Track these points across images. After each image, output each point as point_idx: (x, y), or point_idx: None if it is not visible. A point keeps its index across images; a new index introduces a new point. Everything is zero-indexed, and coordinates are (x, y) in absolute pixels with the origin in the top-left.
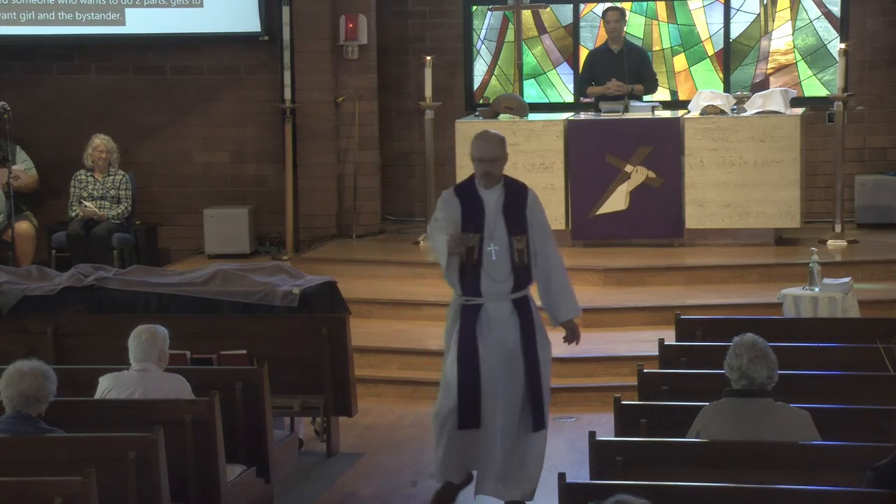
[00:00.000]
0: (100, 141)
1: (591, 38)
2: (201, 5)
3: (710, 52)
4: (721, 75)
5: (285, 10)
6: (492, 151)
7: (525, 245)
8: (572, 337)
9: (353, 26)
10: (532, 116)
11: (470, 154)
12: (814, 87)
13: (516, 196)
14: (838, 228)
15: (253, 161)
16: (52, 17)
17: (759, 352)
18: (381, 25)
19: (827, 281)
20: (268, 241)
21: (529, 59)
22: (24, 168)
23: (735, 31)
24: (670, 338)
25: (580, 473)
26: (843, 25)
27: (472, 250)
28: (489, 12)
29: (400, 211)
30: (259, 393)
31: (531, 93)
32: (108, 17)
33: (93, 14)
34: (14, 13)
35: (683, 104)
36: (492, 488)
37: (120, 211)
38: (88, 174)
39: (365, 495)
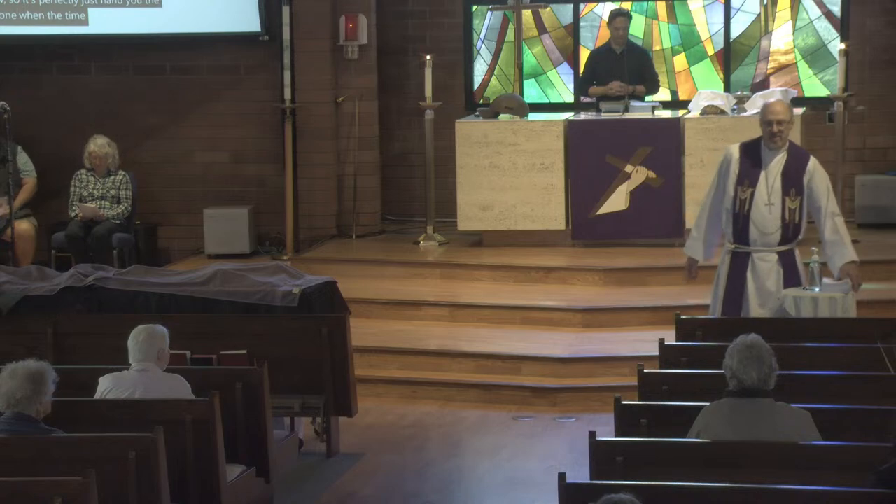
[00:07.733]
0: (95, 147)
1: (591, 38)
2: (201, 5)
3: (711, 51)
4: (721, 75)
5: (285, 10)
6: (783, 113)
7: (798, 205)
8: (853, 281)
9: (353, 26)
10: (532, 116)
11: (759, 117)
12: (814, 87)
13: (798, 161)
14: None
15: (253, 161)
16: (50, 17)
17: (752, 354)
18: (381, 25)
19: (827, 281)
20: (268, 241)
21: (529, 59)
22: (22, 173)
23: (735, 31)
24: (670, 338)
25: (580, 473)
26: (843, 25)
27: (743, 202)
28: (489, 12)
29: (400, 211)
30: (259, 393)
31: (531, 93)
32: (108, 16)
33: (93, 12)
34: (15, 13)
35: (683, 104)
36: None
37: (120, 211)
38: (89, 173)
39: (365, 495)
